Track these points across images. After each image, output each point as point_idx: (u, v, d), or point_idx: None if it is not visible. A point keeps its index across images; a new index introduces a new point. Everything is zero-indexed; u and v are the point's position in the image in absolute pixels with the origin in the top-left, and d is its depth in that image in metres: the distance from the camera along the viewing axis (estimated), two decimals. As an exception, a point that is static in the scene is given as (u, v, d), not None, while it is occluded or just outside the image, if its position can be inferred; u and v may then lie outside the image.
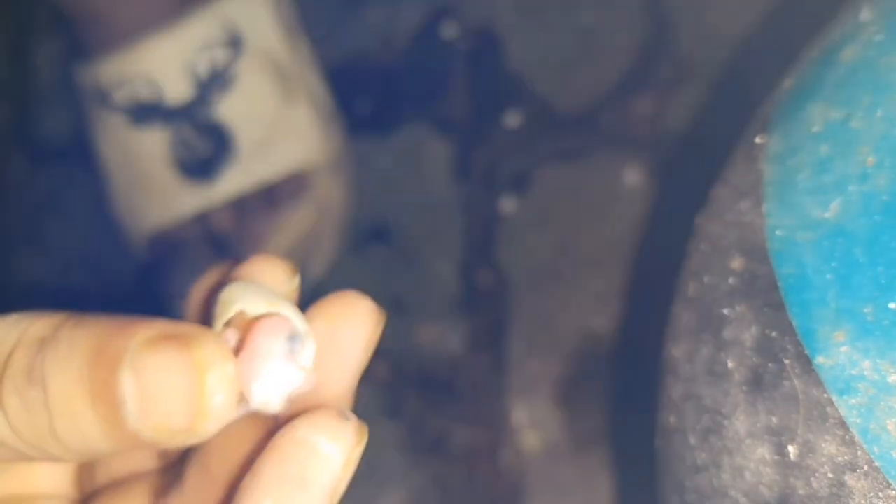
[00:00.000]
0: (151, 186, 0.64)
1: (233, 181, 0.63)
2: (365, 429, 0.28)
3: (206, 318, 0.31)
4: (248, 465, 0.28)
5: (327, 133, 0.66)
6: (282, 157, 0.64)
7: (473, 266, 0.68)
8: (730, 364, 0.35)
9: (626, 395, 0.63)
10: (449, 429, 0.64)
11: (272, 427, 0.29)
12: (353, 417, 0.28)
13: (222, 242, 0.63)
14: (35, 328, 0.28)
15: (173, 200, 0.64)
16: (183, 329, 0.27)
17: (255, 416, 0.29)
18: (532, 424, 0.64)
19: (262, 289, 0.29)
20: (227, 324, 0.28)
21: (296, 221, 0.65)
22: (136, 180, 0.65)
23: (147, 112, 0.63)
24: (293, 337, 0.28)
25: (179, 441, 0.27)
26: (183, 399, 0.26)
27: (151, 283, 0.65)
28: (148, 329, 0.27)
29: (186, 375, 0.26)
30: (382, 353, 0.31)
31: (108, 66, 0.63)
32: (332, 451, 0.27)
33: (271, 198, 0.65)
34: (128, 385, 0.26)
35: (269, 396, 0.28)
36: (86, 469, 0.34)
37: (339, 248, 0.68)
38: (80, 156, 0.70)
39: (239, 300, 0.28)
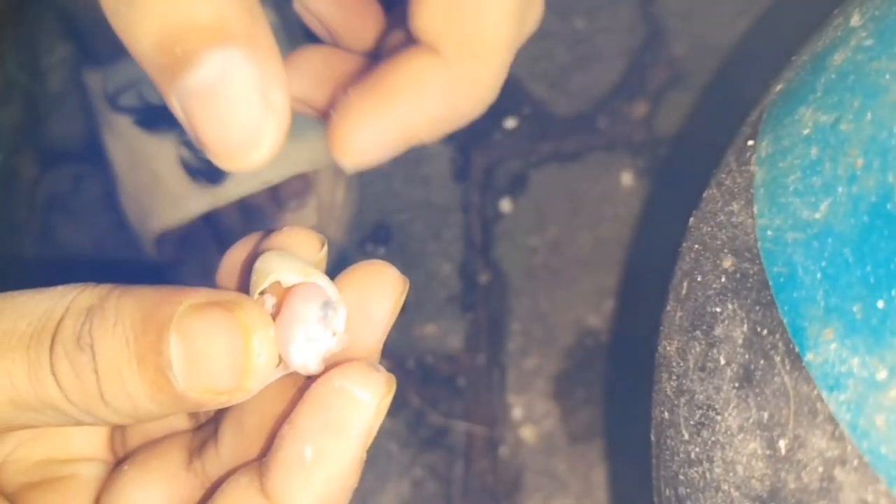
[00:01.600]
0: (160, 188, 0.64)
1: (239, 184, 0.63)
2: (393, 379, 0.29)
3: (240, 285, 0.32)
4: (282, 419, 0.29)
5: (330, 136, 0.66)
6: (286, 159, 0.64)
7: (472, 265, 0.68)
8: (721, 360, 0.35)
9: (621, 391, 0.63)
10: (448, 423, 0.64)
11: (304, 384, 0.30)
12: (382, 369, 0.28)
13: (229, 242, 0.63)
14: (83, 297, 0.28)
15: (181, 202, 0.64)
16: (226, 296, 0.28)
17: (289, 378, 0.30)
18: (529, 419, 0.64)
19: (295, 258, 0.30)
20: (263, 292, 0.29)
21: (300, 221, 0.65)
22: (145, 182, 0.65)
23: (155, 115, 0.62)
24: (326, 303, 0.29)
25: (224, 401, 0.28)
26: (229, 360, 0.27)
27: (160, 282, 0.65)
28: (193, 296, 0.27)
29: (232, 338, 0.27)
30: (383, 350, 0.32)
31: (117, 70, 0.63)
32: (366, 397, 0.28)
33: (276, 198, 0.65)
34: (175, 348, 0.27)
35: (306, 358, 0.29)
36: (118, 431, 0.35)
37: (341, 247, 0.68)
38: (89, 157, 0.70)
39: (275, 270, 0.29)
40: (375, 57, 0.33)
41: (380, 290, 0.30)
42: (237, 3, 0.26)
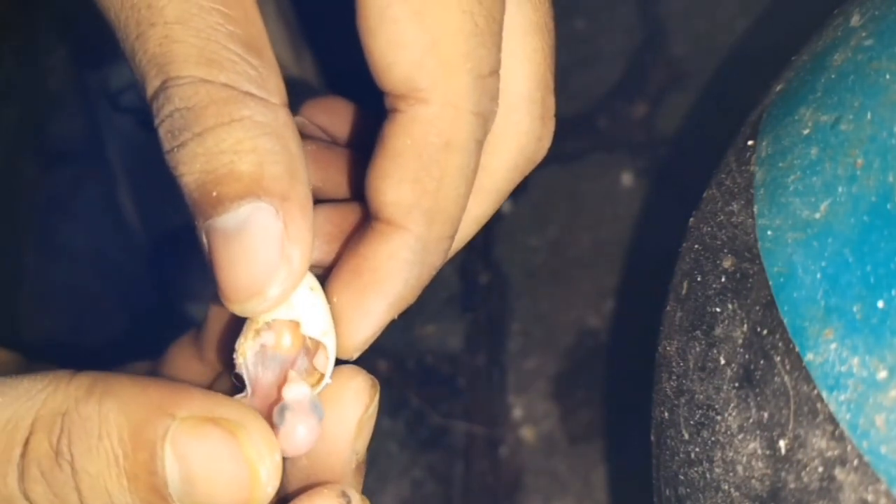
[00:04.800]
0: (160, 187, 0.65)
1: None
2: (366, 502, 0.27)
3: None
4: None
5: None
6: None
7: (472, 265, 0.68)
8: (721, 360, 0.35)
9: (621, 391, 0.63)
10: (448, 423, 0.64)
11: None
12: (354, 497, 0.27)
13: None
14: (54, 401, 0.26)
15: (182, 201, 0.64)
16: (225, 410, 0.26)
17: None
18: (529, 419, 0.64)
19: (322, 303, 0.29)
20: (269, 325, 0.28)
21: None
22: (145, 181, 0.65)
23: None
24: (313, 409, 0.28)
25: None
26: (233, 487, 0.26)
27: (160, 282, 0.65)
28: (187, 405, 0.26)
29: (237, 466, 0.26)
30: (384, 351, 0.32)
31: (117, 70, 0.63)
32: None
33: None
34: (171, 468, 0.25)
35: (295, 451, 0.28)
36: None
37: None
38: (89, 157, 0.70)
39: (301, 310, 0.28)
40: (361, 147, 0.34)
41: (347, 403, 0.29)
42: (280, 161, 0.26)
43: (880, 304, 0.30)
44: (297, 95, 0.29)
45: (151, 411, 0.26)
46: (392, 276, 0.30)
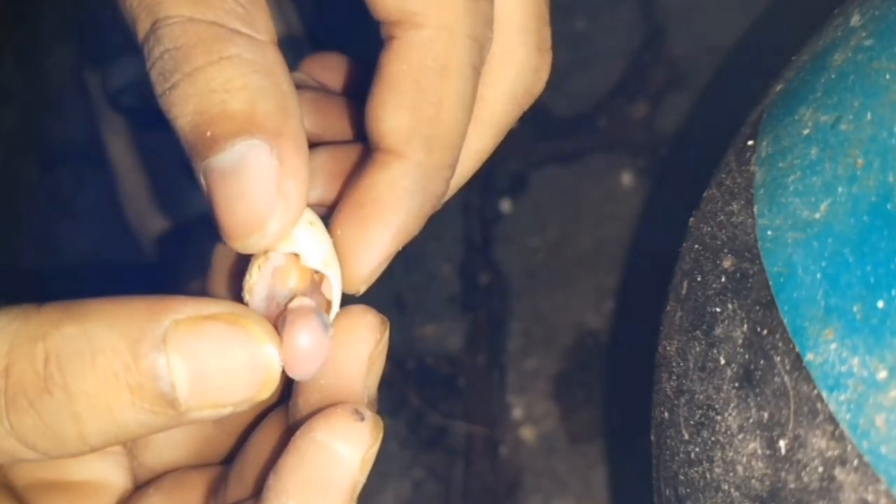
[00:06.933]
0: (160, 187, 0.65)
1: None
2: (380, 424, 0.28)
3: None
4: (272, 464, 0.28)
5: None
6: None
7: (472, 265, 0.68)
8: (721, 360, 0.35)
9: (621, 391, 0.63)
10: (448, 423, 0.64)
11: (292, 424, 0.29)
12: (368, 415, 0.28)
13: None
14: (27, 329, 0.25)
15: (182, 200, 0.64)
16: (218, 307, 0.26)
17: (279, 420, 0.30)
18: (529, 419, 0.64)
19: (321, 232, 0.29)
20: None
21: None
22: (145, 182, 0.65)
23: (155, 115, 0.63)
24: (323, 327, 0.28)
25: (227, 413, 0.27)
26: (250, 373, 0.26)
27: (161, 282, 0.65)
28: (178, 310, 0.26)
29: (250, 350, 0.26)
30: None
31: (117, 70, 0.63)
32: (348, 453, 0.27)
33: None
34: (178, 371, 0.25)
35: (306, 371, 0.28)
36: (133, 454, 0.33)
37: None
38: (89, 158, 0.70)
39: (298, 242, 0.28)
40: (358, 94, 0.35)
41: (358, 337, 0.29)
42: (271, 98, 0.27)
43: (880, 304, 0.30)
44: (285, 52, 0.30)
45: (143, 321, 0.25)
46: (394, 205, 0.30)
